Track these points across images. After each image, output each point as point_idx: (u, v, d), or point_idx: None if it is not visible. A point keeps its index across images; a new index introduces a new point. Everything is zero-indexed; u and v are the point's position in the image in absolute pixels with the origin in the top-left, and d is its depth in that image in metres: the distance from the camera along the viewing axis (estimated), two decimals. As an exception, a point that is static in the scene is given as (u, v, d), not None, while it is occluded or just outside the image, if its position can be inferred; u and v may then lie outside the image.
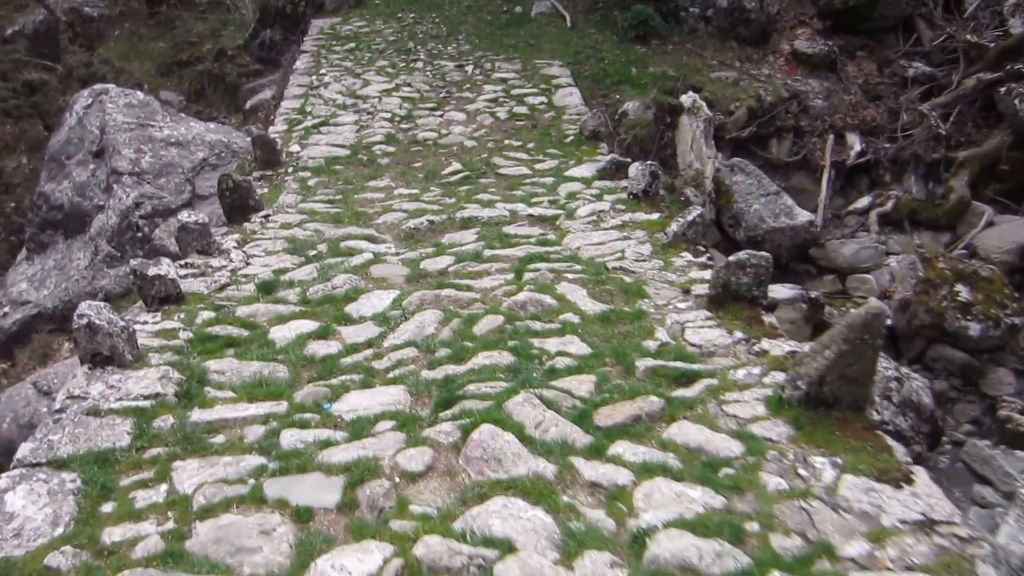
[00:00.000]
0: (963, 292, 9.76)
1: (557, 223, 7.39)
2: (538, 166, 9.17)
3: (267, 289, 6.22)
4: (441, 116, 10.82)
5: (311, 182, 9.04)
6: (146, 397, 4.63)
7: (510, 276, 6.13)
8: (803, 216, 10.80)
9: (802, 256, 11.06)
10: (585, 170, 8.91)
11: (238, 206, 8.08)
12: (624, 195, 7.83)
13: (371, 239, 7.25)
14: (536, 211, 7.66)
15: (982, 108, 12.87)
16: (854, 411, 3.97)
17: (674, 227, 6.45)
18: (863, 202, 12.20)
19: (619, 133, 11.34)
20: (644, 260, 6.28)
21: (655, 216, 7.25)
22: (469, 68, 12.40)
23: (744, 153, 12.53)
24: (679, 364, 4.66)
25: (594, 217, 7.40)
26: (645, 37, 13.58)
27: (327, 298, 5.99)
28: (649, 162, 7.65)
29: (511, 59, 12.73)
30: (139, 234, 9.86)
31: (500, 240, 6.98)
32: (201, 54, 15.22)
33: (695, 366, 4.64)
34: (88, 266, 10.10)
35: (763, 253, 5.20)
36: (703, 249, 6.41)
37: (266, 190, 8.90)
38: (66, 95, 13.85)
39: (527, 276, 6.05)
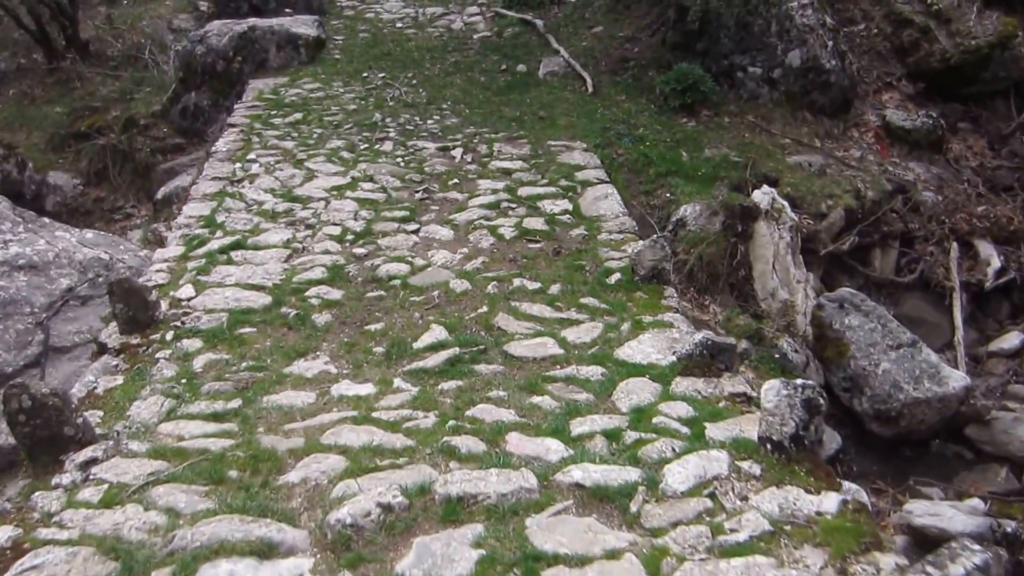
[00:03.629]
0: None
1: (634, 511, 3.77)
2: (572, 335, 5.59)
3: None
4: (416, 232, 7.25)
5: (198, 364, 5.43)
6: None
7: None
8: (956, 380, 7.23)
9: (952, 433, 7.49)
10: (652, 348, 5.34)
11: (43, 440, 4.46)
12: (750, 433, 4.23)
13: (264, 552, 3.61)
14: (588, 471, 4.03)
15: None
16: None
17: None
18: (1013, 340, 8.66)
19: (676, 252, 7.81)
20: None
21: (832, 503, 3.64)
22: (457, 153, 8.86)
23: (840, 270, 9.06)
24: None
25: (706, 500, 3.77)
26: (692, 106, 10.12)
27: None
28: (801, 383, 4.03)
29: (516, 139, 9.21)
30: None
31: (527, 577, 3.36)
32: (105, 123, 11.65)
33: None
34: None
35: None
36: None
37: (119, 381, 5.29)
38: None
39: None
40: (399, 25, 13.64)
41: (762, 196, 8.52)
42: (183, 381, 5.23)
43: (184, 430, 4.71)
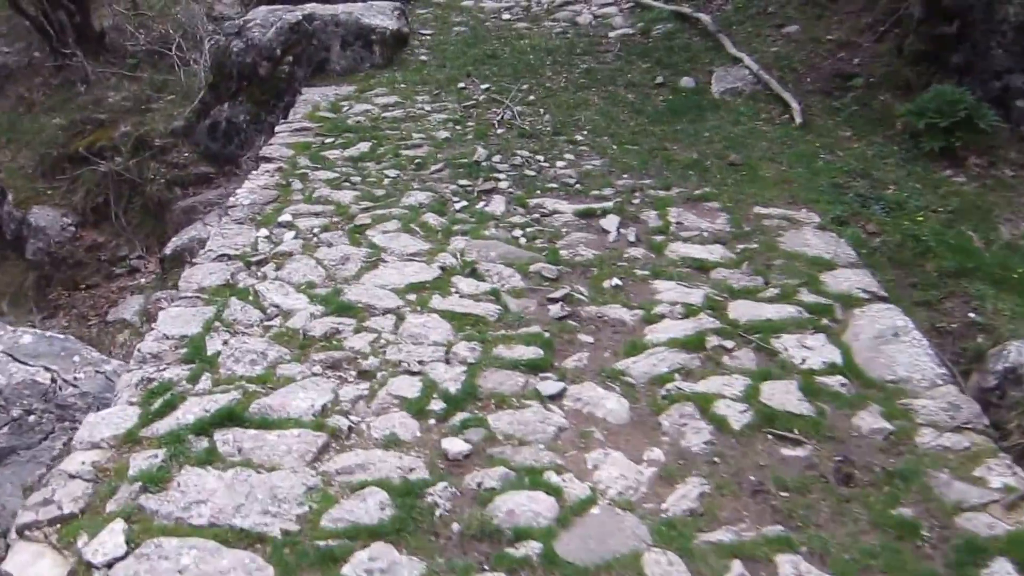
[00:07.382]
0: None
1: None
2: None
3: None
4: (558, 400, 3.92)
5: None
6: None
7: None
8: None
9: None
10: None
11: None
12: None
13: None
14: None
15: None
16: None
17: None
18: None
19: (1005, 428, 4.41)
20: None
21: None
22: (611, 223, 5.52)
23: None
24: None
25: None
26: (955, 150, 6.60)
27: None
28: None
29: (700, 200, 5.84)
30: None
31: None
32: (111, 142, 8.63)
33: None
34: None
35: None
36: None
37: None
38: None
39: None
40: (506, 17, 10.36)
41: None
42: None
43: None
